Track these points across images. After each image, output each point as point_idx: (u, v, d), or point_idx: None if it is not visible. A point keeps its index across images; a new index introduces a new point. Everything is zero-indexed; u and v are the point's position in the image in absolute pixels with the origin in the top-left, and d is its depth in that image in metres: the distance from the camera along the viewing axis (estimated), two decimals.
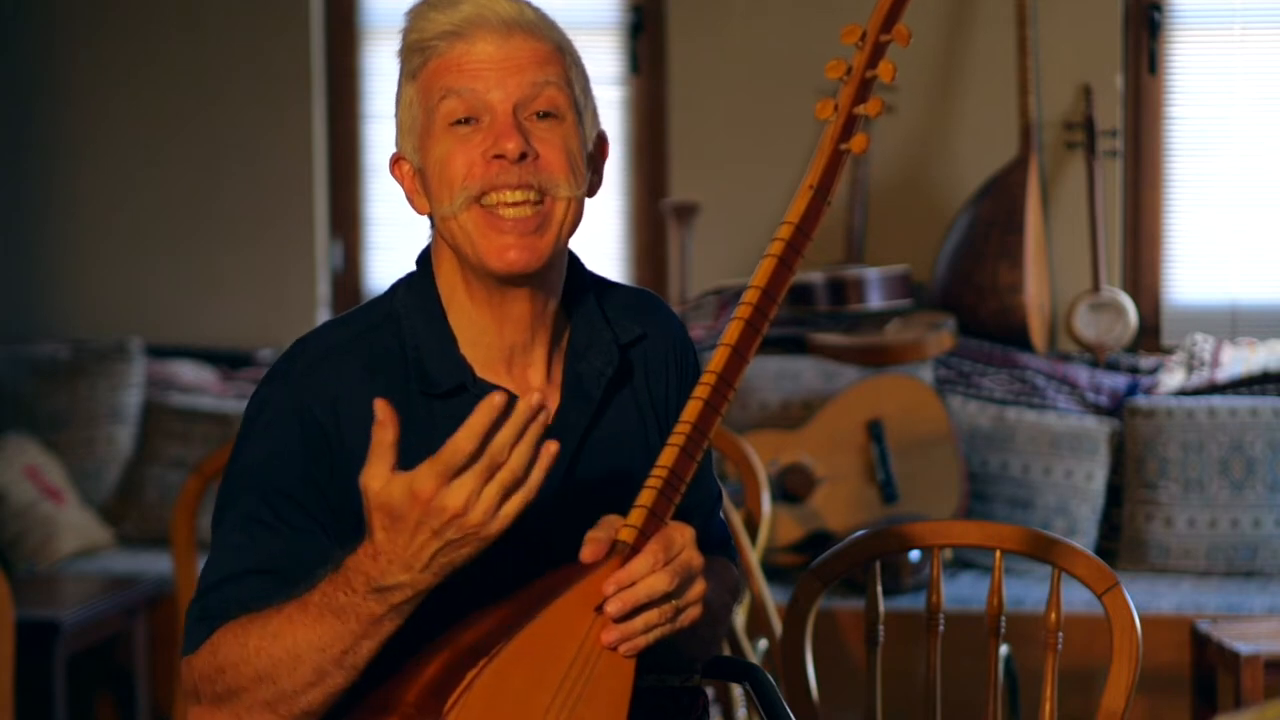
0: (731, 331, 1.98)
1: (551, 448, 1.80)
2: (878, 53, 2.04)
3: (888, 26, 2.04)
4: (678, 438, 1.94)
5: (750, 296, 1.99)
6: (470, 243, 2.01)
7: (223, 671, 1.91)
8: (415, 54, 2.04)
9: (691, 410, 1.96)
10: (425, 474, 1.77)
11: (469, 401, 2.02)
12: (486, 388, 2.04)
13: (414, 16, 2.05)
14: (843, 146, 2.03)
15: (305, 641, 1.87)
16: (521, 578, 1.93)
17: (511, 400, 1.79)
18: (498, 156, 1.99)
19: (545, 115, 2.02)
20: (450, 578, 1.85)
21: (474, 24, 2.01)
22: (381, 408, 1.78)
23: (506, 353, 2.07)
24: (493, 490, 1.78)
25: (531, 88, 2.01)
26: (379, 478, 1.79)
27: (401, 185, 2.10)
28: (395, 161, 2.10)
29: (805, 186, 2.03)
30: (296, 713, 1.90)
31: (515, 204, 2.00)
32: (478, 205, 2.00)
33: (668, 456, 1.94)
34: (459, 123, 2.01)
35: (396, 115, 2.08)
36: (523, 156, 1.99)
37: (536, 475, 1.79)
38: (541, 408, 1.78)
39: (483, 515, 1.78)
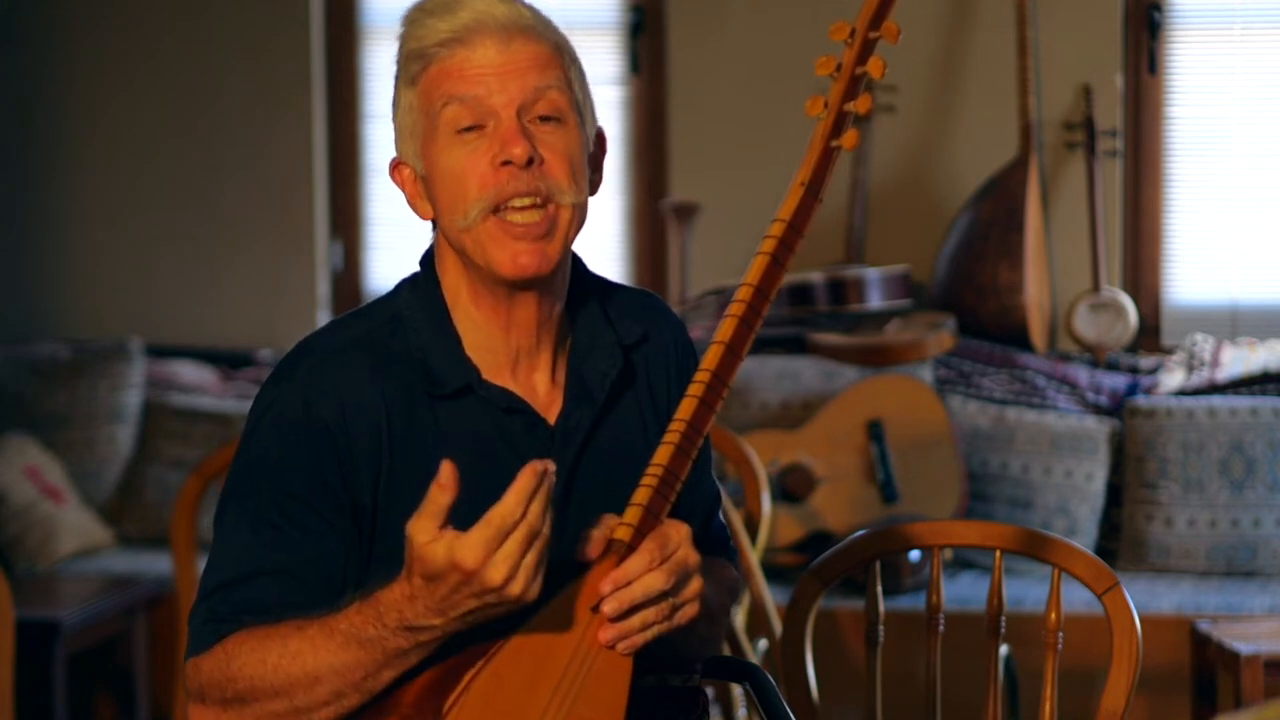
0: (725, 329, 1.98)
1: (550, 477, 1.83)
2: (867, 49, 2.05)
3: (876, 23, 2.04)
4: (673, 435, 1.95)
5: (743, 294, 1.99)
6: (483, 252, 2.00)
7: (235, 680, 1.92)
8: (414, 60, 2.02)
9: (686, 408, 1.96)
10: (471, 545, 1.78)
11: (474, 403, 2.03)
12: (491, 389, 2.04)
13: (411, 23, 2.03)
14: (833, 143, 2.04)
15: (326, 665, 1.88)
16: None
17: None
18: (506, 163, 1.98)
19: (548, 119, 2.01)
20: None
21: (473, 30, 1.99)
22: (446, 471, 1.78)
23: (512, 356, 2.06)
24: (531, 560, 1.80)
25: (534, 92, 2.00)
26: (425, 532, 1.79)
27: (403, 190, 2.08)
28: (395, 166, 2.08)
29: (796, 184, 2.03)
30: None
31: (524, 209, 1.99)
32: (493, 217, 1.99)
33: (663, 454, 1.94)
34: (465, 130, 1.99)
35: (394, 120, 2.07)
36: (530, 162, 1.98)
37: (547, 528, 1.82)
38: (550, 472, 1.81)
39: (523, 586, 1.80)
